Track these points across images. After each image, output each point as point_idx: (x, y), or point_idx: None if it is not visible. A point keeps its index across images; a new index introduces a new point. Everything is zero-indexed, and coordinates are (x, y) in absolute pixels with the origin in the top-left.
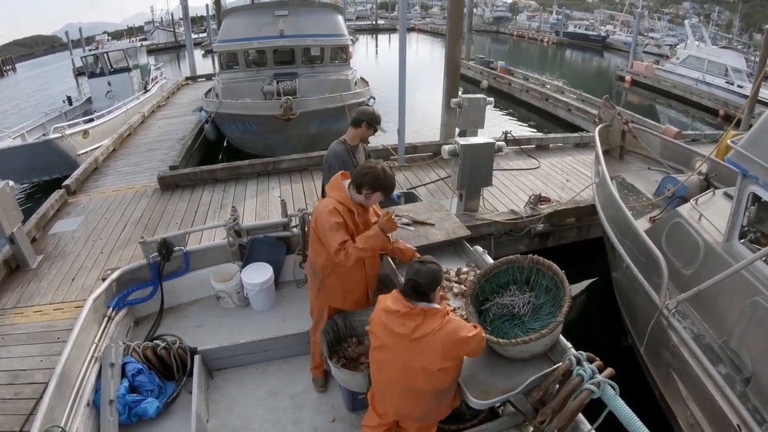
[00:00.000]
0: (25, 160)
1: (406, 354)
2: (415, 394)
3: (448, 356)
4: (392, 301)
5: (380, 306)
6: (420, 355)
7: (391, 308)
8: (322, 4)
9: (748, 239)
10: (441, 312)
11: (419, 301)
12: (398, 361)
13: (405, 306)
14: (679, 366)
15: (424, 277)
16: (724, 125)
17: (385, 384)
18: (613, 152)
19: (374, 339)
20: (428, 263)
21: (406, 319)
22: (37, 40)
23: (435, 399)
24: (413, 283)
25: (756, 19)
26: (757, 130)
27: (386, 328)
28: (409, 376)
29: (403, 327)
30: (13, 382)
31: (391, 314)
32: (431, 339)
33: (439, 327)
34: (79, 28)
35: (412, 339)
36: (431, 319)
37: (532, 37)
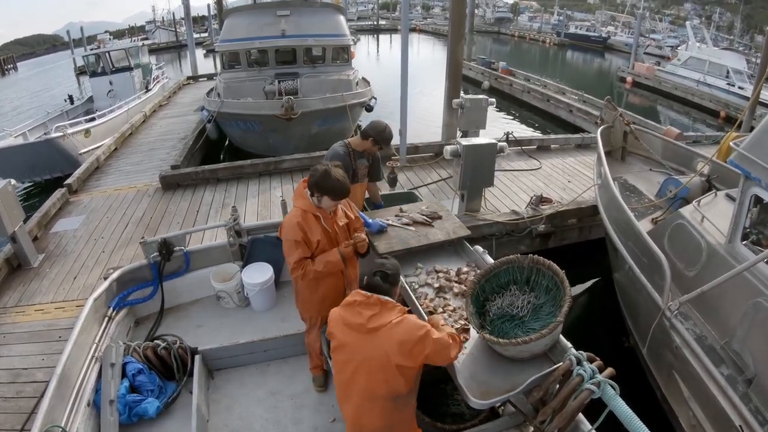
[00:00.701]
0: (27, 159)
1: (363, 348)
2: (372, 399)
3: (405, 352)
4: (350, 296)
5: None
6: (376, 348)
7: (348, 300)
8: (323, 4)
9: (750, 241)
10: (399, 308)
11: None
12: (355, 358)
13: (362, 296)
14: (681, 367)
15: (390, 268)
16: (725, 127)
17: (343, 388)
18: (614, 153)
19: (332, 340)
20: (384, 257)
21: (362, 308)
22: (38, 39)
23: (394, 407)
24: (381, 274)
25: (757, 20)
26: (759, 132)
27: (343, 322)
28: (366, 376)
29: (360, 316)
30: (14, 380)
31: (349, 306)
32: (387, 331)
33: (397, 320)
34: (80, 28)
35: (368, 329)
36: (388, 311)
37: (533, 38)
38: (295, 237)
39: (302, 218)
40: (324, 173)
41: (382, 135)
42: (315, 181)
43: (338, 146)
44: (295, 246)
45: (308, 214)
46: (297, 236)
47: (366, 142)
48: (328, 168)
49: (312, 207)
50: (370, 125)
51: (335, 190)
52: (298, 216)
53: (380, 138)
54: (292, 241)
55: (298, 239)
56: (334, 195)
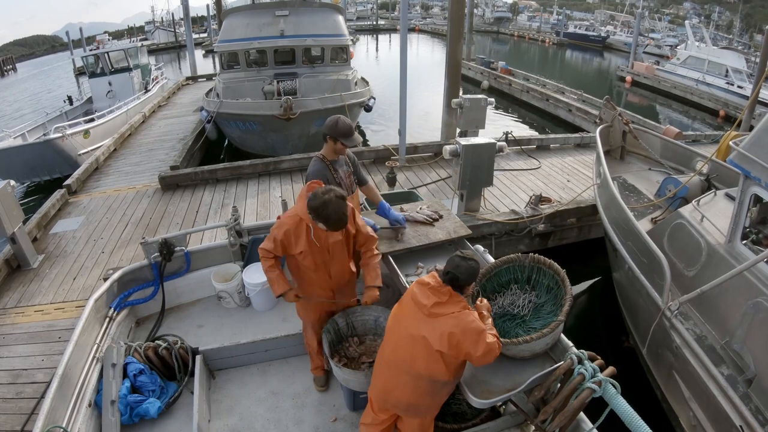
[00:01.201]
0: (26, 160)
1: (418, 326)
2: (410, 372)
3: (453, 344)
4: (429, 277)
5: (416, 280)
6: (429, 331)
7: (424, 280)
8: (322, 4)
9: (750, 240)
10: (464, 303)
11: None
12: (408, 330)
13: (437, 282)
14: (681, 367)
15: (463, 272)
16: (725, 126)
17: (386, 356)
18: (613, 153)
19: (396, 308)
20: (469, 260)
21: (433, 292)
22: (37, 40)
23: (427, 387)
24: (452, 276)
25: (756, 19)
26: (759, 132)
27: (413, 297)
28: (411, 349)
29: (428, 299)
30: (14, 381)
31: (423, 286)
32: (445, 320)
33: (457, 313)
34: (79, 28)
35: (430, 312)
36: (453, 303)
37: (532, 37)
38: (276, 234)
39: (293, 224)
40: (323, 204)
41: (334, 129)
42: (314, 208)
43: (315, 163)
44: (271, 240)
45: (303, 222)
46: (279, 235)
47: (328, 144)
48: (329, 199)
49: (307, 216)
50: (323, 125)
51: (330, 222)
52: (291, 221)
53: (334, 133)
54: (272, 235)
55: (277, 237)
56: (328, 225)
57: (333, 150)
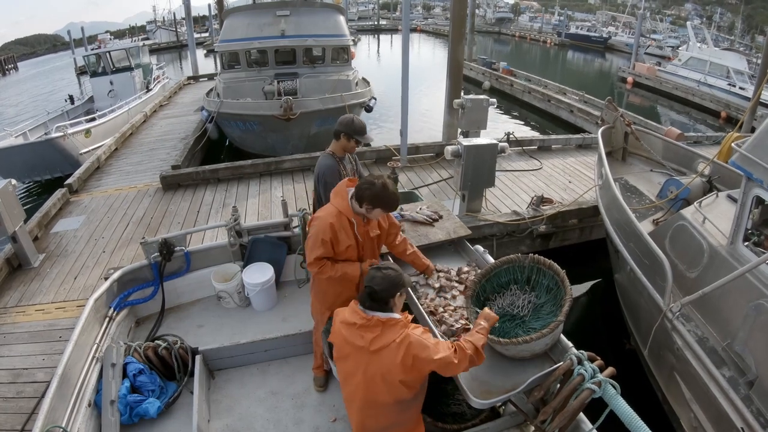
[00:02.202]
0: (27, 159)
1: (366, 365)
2: (376, 406)
3: (408, 370)
4: (349, 313)
5: (338, 318)
6: (379, 366)
7: (348, 320)
8: (323, 4)
9: (752, 242)
10: (401, 322)
11: (376, 311)
12: (359, 371)
13: (362, 318)
14: (682, 368)
15: (378, 284)
16: (726, 127)
17: (349, 395)
18: (615, 154)
19: (336, 350)
20: (384, 269)
21: (363, 331)
22: (39, 39)
23: (398, 410)
24: (369, 290)
25: (758, 20)
26: (761, 133)
27: (346, 340)
28: (369, 387)
29: (362, 339)
30: (14, 380)
31: (350, 327)
32: (390, 351)
33: (400, 339)
34: (81, 28)
35: (371, 351)
36: (390, 330)
37: (534, 38)
38: (323, 236)
39: (336, 220)
40: (382, 187)
41: (351, 126)
42: (374, 194)
43: (326, 158)
44: (320, 244)
45: (343, 216)
46: (326, 235)
47: (340, 141)
48: (384, 181)
49: (349, 210)
50: (337, 122)
51: (388, 203)
52: (333, 216)
53: (351, 130)
54: (320, 238)
55: (326, 239)
56: (388, 207)
57: (344, 147)
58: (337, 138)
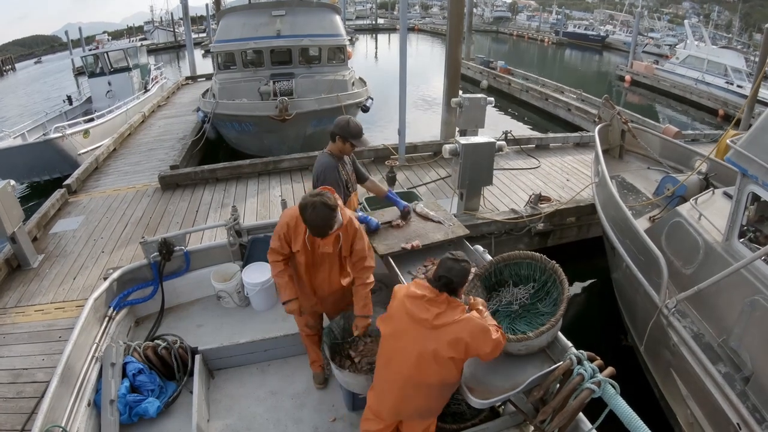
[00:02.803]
0: (26, 160)
1: (424, 341)
2: (421, 386)
3: (463, 350)
4: (416, 287)
5: (402, 293)
6: (437, 342)
7: (416, 293)
8: (319, 4)
9: (747, 238)
10: (462, 306)
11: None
12: (415, 348)
13: (431, 292)
14: (678, 365)
15: (457, 275)
16: (724, 125)
17: (392, 377)
18: (612, 152)
19: (390, 326)
20: (462, 261)
21: (431, 304)
22: (36, 39)
23: (439, 392)
24: (446, 280)
25: (756, 18)
26: (756, 130)
27: (408, 313)
28: (421, 366)
29: (427, 312)
30: (14, 381)
31: (416, 299)
32: (450, 328)
33: (461, 319)
34: (78, 28)
35: (433, 325)
36: (453, 310)
37: (531, 36)
38: (279, 230)
39: (293, 221)
40: (305, 205)
41: (347, 129)
42: (300, 205)
43: (325, 157)
44: (276, 237)
45: (299, 219)
46: (281, 230)
47: (337, 143)
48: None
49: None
50: (333, 124)
51: (311, 226)
52: (291, 217)
53: (346, 133)
54: (277, 233)
55: (280, 233)
56: (310, 229)
57: (340, 150)
58: (333, 140)
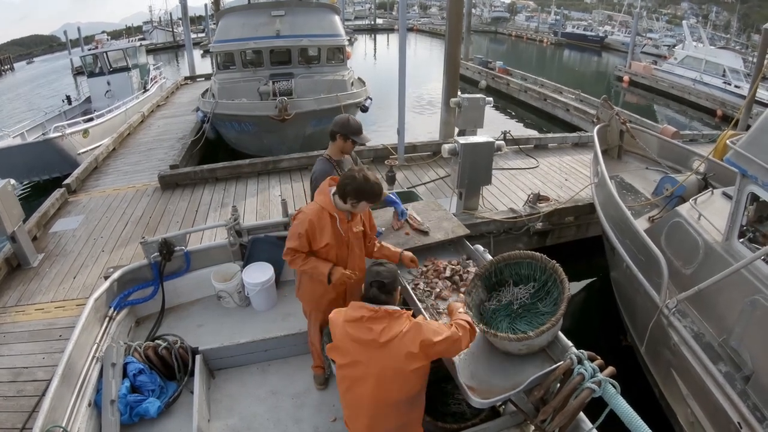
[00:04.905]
0: (26, 160)
1: (378, 361)
2: (388, 405)
3: (419, 357)
4: (353, 309)
5: (340, 320)
6: (390, 359)
7: (354, 316)
8: (318, 4)
9: (747, 238)
10: (405, 314)
11: (382, 305)
12: (371, 373)
13: (369, 310)
14: (679, 364)
15: (386, 276)
16: (722, 125)
17: (356, 403)
18: (611, 152)
19: (341, 357)
20: (386, 263)
21: (372, 323)
22: (35, 39)
23: (408, 406)
24: (378, 284)
25: (754, 19)
26: (756, 131)
27: (352, 339)
28: (382, 387)
29: (370, 332)
30: (15, 379)
31: (355, 322)
32: (400, 342)
33: (407, 329)
34: (77, 28)
35: (381, 343)
36: (397, 321)
37: (530, 37)
38: (300, 229)
39: (316, 216)
40: (363, 179)
41: (347, 127)
42: (355, 188)
43: (321, 163)
44: (296, 237)
45: (325, 212)
46: (302, 229)
47: (336, 142)
48: (365, 174)
49: (331, 206)
50: (332, 122)
51: (372, 195)
52: (314, 212)
53: (346, 130)
54: (297, 231)
55: (301, 231)
56: (372, 199)
57: (340, 149)
58: (333, 139)
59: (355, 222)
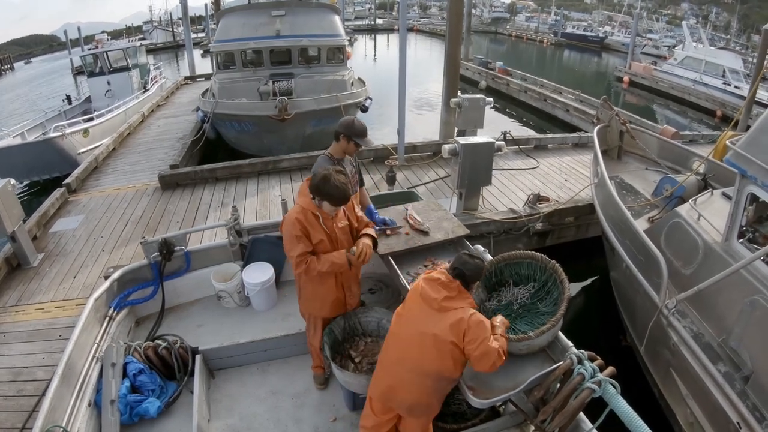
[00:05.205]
0: (26, 159)
1: (427, 321)
2: (419, 372)
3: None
4: (437, 273)
5: (421, 277)
6: (437, 325)
7: (434, 276)
8: (318, 4)
9: (746, 239)
10: (471, 301)
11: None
12: (417, 327)
13: (447, 277)
14: (678, 365)
15: (471, 269)
16: (722, 126)
17: (392, 356)
18: (611, 152)
19: (402, 307)
20: (476, 258)
21: (443, 286)
22: (35, 39)
23: (433, 386)
24: (459, 271)
25: (754, 20)
26: (755, 131)
27: (421, 293)
28: (420, 347)
29: (438, 293)
30: (15, 379)
31: (432, 281)
32: (454, 314)
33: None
34: (77, 28)
35: (440, 306)
36: (461, 299)
37: (530, 37)
38: (294, 232)
39: (302, 215)
40: (323, 178)
41: (351, 128)
42: (315, 186)
43: (322, 161)
44: (296, 240)
45: (308, 212)
46: (296, 231)
47: (340, 143)
48: (328, 173)
49: (312, 206)
50: (338, 124)
51: (334, 196)
52: (299, 212)
53: (351, 131)
54: (293, 236)
55: (298, 234)
56: (332, 201)
57: (343, 149)
58: (336, 139)
59: (338, 218)
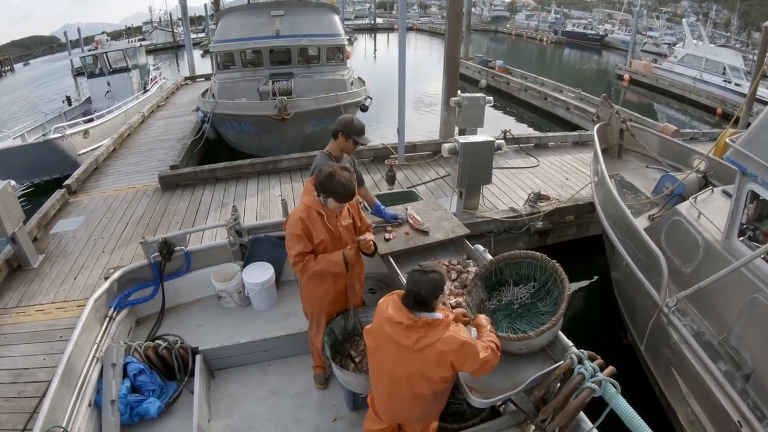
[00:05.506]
0: (26, 161)
1: (408, 363)
2: (414, 398)
3: (449, 368)
4: (395, 311)
5: (382, 314)
6: (421, 363)
7: (394, 319)
8: (318, 3)
9: (747, 237)
10: (443, 323)
11: (421, 312)
12: (402, 368)
13: (408, 318)
14: (679, 363)
15: (425, 288)
16: (722, 123)
17: (385, 388)
18: (611, 151)
19: (373, 341)
20: (429, 272)
21: (409, 331)
22: (35, 40)
23: (434, 399)
24: (414, 295)
25: (754, 17)
26: (755, 129)
27: (389, 337)
28: (410, 382)
29: (407, 339)
30: (15, 380)
31: (395, 325)
32: (433, 350)
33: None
34: (77, 29)
35: (415, 350)
36: (434, 330)
37: (530, 36)
38: (296, 231)
39: (306, 214)
40: (328, 175)
41: (350, 126)
42: (320, 183)
43: (321, 157)
44: (296, 239)
45: (312, 210)
46: (297, 230)
47: (338, 141)
48: (333, 170)
49: (317, 204)
50: (336, 121)
51: (339, 193)
52: (302, 211)
53: (349, 129)
54: (294, 234)
55: (299, 233)
56: (337, 197)
57: (341, 147)
58: (335, 137)
59: (342, 216)
